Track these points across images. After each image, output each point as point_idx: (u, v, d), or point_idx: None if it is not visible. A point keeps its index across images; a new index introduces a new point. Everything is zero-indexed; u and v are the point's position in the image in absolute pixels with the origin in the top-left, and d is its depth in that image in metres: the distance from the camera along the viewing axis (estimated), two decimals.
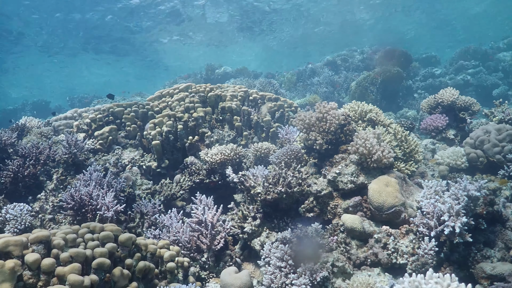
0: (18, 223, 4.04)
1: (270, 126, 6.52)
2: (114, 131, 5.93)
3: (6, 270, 2.46)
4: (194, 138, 5.90)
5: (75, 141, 5.12)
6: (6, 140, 4.86)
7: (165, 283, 3.47)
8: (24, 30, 20.63)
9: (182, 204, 5.38)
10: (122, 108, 6.28)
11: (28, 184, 4.90)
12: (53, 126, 7.41)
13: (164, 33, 23.82)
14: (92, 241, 3.08)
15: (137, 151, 5.81)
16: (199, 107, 6.23)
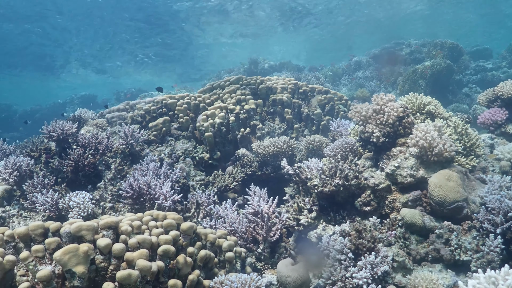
0: (81, 210, 4.18)
1: (321, 119, 6.45)
2: (168, 123, 6.04)
3: (81, 253, 2.55)
4: (246, 130, 5.91)
5: (132, 132, 5.25)
6: (67, 130, 5.04)
7: (224, 272, 3.50)
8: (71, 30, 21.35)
9: (234, 196, 5.41)
10: (175, 100, 6.38)
11: (87, 173, 5.06)
12: (106, 118, 7.63)
13: (206, 28, 24.00)
14: (156, 229, 3.14)
15: (190, 143, 5.88)
16: (251, 99, 6.24)
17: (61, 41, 22.73)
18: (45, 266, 2.64)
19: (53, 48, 24.00)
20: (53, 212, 4.36)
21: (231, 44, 28.64)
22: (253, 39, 28.11)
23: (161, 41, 25.11)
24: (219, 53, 30.72)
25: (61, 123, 5.08)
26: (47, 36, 21.57)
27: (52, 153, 5.18)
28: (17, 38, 21.64)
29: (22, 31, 20.58)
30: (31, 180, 4.78)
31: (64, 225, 2.88)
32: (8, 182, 4.79)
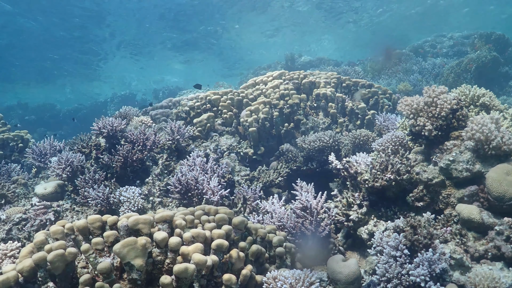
0: (132, 205, 4.26)
1: (365, 113, 6.31)
2: (212, 119, 6.07)
3: (139, 246, 2.58)
4: (290, 125, 5.87)
5: (178, 128, 5.30)
6: (116, 127, 5.15)
7: (274, 267, 3.47)
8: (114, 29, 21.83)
9: (278, 191, 5.38)
10: (219, 96, 6.41)
11: (135, 168, 5.15)
12: (150, 115, 7.75)
13: (242, 24, 24.01)
14: (209, 223, 3.15)
15: (234, 138, 5.89)
16: (294, 94, 6.18)
17: (101, 41, 23.30)
18: (105, 258, 2.69)
19: (93, 48, 24.64)
20: (104, 206, 4.46)
21: (267, 41, 28.55)
22: (290, 35, 27.92)
23: (196, 38, 25.31)
24: (255, 49, 30.72)
25: (110, 120, 5.20)
26: (89, 37, 22.16)
27: (101, 149, 5.31)
28: (65, 43, 22.40)
29: (69, 36, 21.27)
30: (83, 175, 4.91)
31: (120, 218, 2.93)
32: (61, 178, 4.94)
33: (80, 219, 4.60)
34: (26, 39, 20.97)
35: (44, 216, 4.18)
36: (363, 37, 30.68)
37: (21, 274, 2.62)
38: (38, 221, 4.15)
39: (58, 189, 4.94)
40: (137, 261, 2.56)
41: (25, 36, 20.46)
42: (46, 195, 4.84)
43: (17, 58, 24.12)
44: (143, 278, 2.61)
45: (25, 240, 3.89)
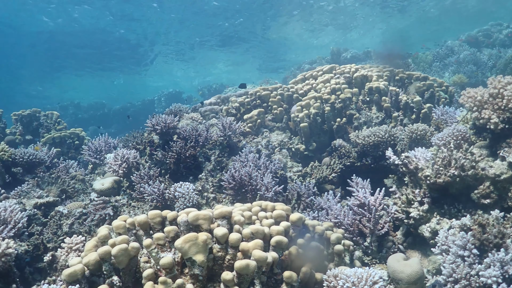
0: (187, 200, 4.29)
1: (421, 107, 6.07)
2: (262, 114, 6.04)
3: (200, 242, 2.57)
4: (342, 120, 5.73)
5: (229, 124, 5.30)
6: (169, 124, 5.21)
7: (333, 265, 3.38)
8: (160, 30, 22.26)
9: (331, 188, 5.27)
10: (269, 92, 6.37)
11: (188, 165, 5.19)
12: (200, 111, 7.83)
13: (288, 20, 23.84)
14: (266, 219, 3.11)
15: (285, 134, 5.83)
16: (346, 88, 6.04)
17: (148, 39, 23.81)
18: (166, 253, 2.70)
19: (140, 46, 25.24)
20: (159, 202, 4.52)
21: (311, 36, 28.22)
22: (334, 29, 27.46)
23: (240, 36, 25.39)
24: (299, 45, 30.45)
25: (163, 117, 5.27)
26: (136, 34, 22.70)
27: (155, 145, 5.40)
28: (112, 42, 23.12)
29: (116, 34, 21.92)
30: (138, 171, 5.01)
31: (180, 214, 2.94)
32: (118, 174, 5.06)
33: (136, 214, 4.70)
34: (81, 37, 21.79)
35: (103, 211, 4.29)
36: (410, 30, 29.70)
37: (87, 268, 2.68)
38: (97, 215, 4.27)
39: (114, 184, 5.06)
40: (199, 257, 2.55)
41: (79, 33, 21.27)
42: (104, 191, 4.97)
43: (70, 55, 25.09)
44: (205, 274, 2.60)
45: (86, 234, 4.00)
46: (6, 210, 3.54)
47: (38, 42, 22.20)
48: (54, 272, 3.14)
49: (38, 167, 5.74)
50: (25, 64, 26.32)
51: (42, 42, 22.32)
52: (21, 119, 9.43)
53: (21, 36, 21.12)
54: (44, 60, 25.80)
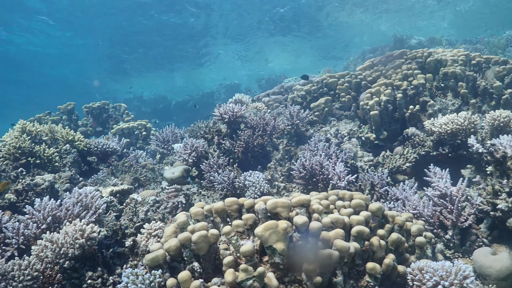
0: (257, 189, 4.25)
1: (502, 93, 5.64)
2: (329, 102, 5.88)
3: (280, 230, 2.51)
4: (415, 108, 5.45)
5: (297, 112, 5.21)
6: (237, 112, 5.20)
7: (415, 258, 3.21)
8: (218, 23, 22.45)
9: (404, 178, 5.03)
10: (335, 79, 6.19)
11: (255, 154, 5.16)
12: (263, 101, 7.78)
13: (346, 7, 23.20)
14: (345, 209, 2.99)
15: (353, 123, 5.65)
16: (419, 73, 5.73)
17: (206, 31, 24.10)
18: (246, 241, 2.67)
19: (198, 39, 25.61)
20: (229, 191, 4.52)
21: (373, 23, 27.31)
22: (396, 16, 26.40)
23: (299, 25, 25.06)
24: (359, 32, 29.60)
25: (231, 105, 5.26)
26: (193, 27, 23.04)
27: (222, 134, 5.41)
28: (172, 35, 23.65)
29: (177, 26, 22.40)
30: (207, 160, 5.04)
31: (257, 201, 2.89)
32: (187, 163, 5.12)
33: (207, 202, 4.74)
34: (142, 30, 22.51)
35: (176, 199, 4.35)
36: (479, 14, 27.94)
37: (168, 253, 2.70)
38: (170, 203, 4.34)
39: (184, 173, 5.13)
40: (279, 245, 2.50)
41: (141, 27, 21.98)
42: (174, 179, 5.05)
43: (132, 50, 25.99)
44: (285, 263, 2.54)
45: (159, 221, 4.07)
46: (87, 196, 3.68)
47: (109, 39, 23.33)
48: (135, 257, 3.22)
49: (111, 156, 5.95)
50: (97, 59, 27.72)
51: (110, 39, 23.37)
52: (92, 112, 9.87)
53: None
54: (112, 56, 26.98)
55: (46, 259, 2.94)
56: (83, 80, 33.52)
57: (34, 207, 3.49)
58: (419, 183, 4.61)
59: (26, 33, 20.98)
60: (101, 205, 3.65)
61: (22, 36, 21.26)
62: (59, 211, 3.46)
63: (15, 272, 2.84)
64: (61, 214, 3.45)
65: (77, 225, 2.96)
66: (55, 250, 2.85)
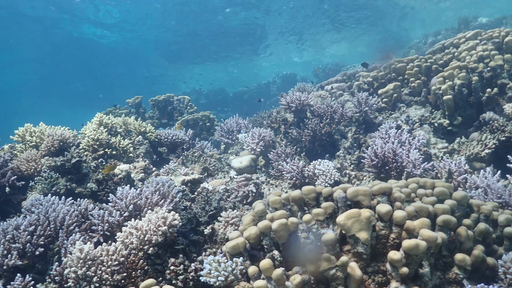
0: (328, 178, 4.19)
1: None
2: (398, 88, 5.67)
3: (363, 219, 2.45)
4: (492, 91, 5.12)
5: (365, 99, 5.06)
6: (304, 101, 5.14)
7: (503, 249, 3.03)
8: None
9: (482, 166, 4.76)
10: (404, 64, 5.95)
11: (323, 142, 5.09)
12: (326, 89, 7.66)
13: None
14: (427, 197, 2.87)
15: (424, 108, 5.42)
16: (496, 54, 5.37)
17: (262, 22, 24.06)
18: (326, 229, 2.63)
19: (254, 30, 25.63)
20: (298, 179, 4.50)
21: (433, 6, 26.03)
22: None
23: (356, 12, 24.39)
24: (419, 17, 28.34)
25: (297, 94, 5.21)
26: (249, 18, 23.08)
27: (288, 123, 5.38)
28: (228, 27, 23.87)
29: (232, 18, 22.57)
30: (274, 149, 5.04)
31: (335, 190, 2.85)
32: (255, 152, 5.15)
33: (276, 191, 4.74)
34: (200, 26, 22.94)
35: (246, 188, 4.39)
36: None
37: (248, 241, 2.73)
38: (241, 192, 4.38)
39: (252, 163, 5.17)
40: (362, 234, 2.44)
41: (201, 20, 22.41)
42: (242, 169, 5.10)
43: (192, 42, 26.54)
44: (369, 252, 2.48)
45: (230, 210, 4.12)
46: (164, 185, 3.79)
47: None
48: (214, 244, 3.28)
49: (180, 146, 6.11)
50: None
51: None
52: (157, 104, 10.18)
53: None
54: (173, 48, 27.78)
55: (130, 245, 3.06)
56: (144, 73, 34.70)
57: (117, 195, 3.64)
58: (500, 171, 4.34)
59: (96, 27, 22.13)
60: (178, 194, 3.75)
61: (91, 30, 22.43)
62: (139, 199, 3.60)
63: (103, 257, 2.99)
64: (141, 202, 3.58)
65: (159, 212, 3.05)
66: (139, 237, 2.96)
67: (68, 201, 3.92)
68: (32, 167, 5.07)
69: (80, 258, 2.92)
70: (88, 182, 4.80)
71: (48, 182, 4.72)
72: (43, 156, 5.25)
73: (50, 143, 5.22)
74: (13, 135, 5.93)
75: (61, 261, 3.29)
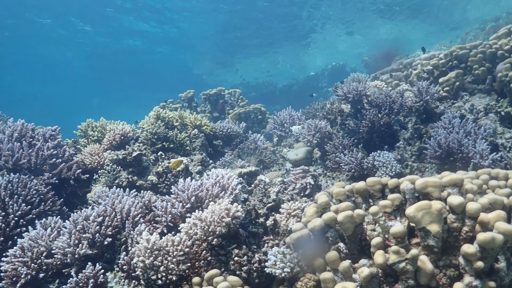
0: (388, 169, 4.09)
1: None
2: (460, 76, 5.42)
3: (434, 211, 2.37)
4: None
5: (426, 88, 4.89)
6: (361, 91, 5.04)
7: None
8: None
9: None
10: (467, 51, 5.67)
11: (381, 133, 4.97)
12: (381, 79, 7.47)
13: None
14: (500, 189, 2.73)
15: (489, 97, 5.15)
16: None
17: (310, 13, 23.76)
18: (394, 222, 2.57)
19: (302, 21, 25.37)
20: (357, 171, 4.42)
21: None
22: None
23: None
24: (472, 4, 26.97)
25: (354, 84, 5.11)
26: (297, 8, 22.84)
27: (345, 114, 5.29)
28: (274, 19, 23.80)
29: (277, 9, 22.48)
30: (331, 141, 4.97)
31: (401, 181, 2.77)
32: (311, 144, 5.11)
33: (333, 184, 4.69)
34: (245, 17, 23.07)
35: (304, 180, 4.37)
36: None
37: (312, 233, 2.71)
38: (299, 184, 4.37)
39: (307, 155, 5.13)
40: (433, 227, 2.36)
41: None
42: (298, 161, 5.08)
43: (241, 35, 26.71)
44: (440, 246, 2.39)
45: (292, 202, 4.11)
46: (224, 178, 3.84)
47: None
48: (277, 236, 3.29)
49: (234, 139, 6.17)
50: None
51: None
52: (209, 98, 10.33)
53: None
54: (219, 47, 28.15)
55: (194, 236, 3.13)
56: (192, 67, 35.26)
57: (178, 187, 3.73)
58: None
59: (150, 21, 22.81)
60: (237, 186, 3.79)
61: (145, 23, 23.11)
62: (200, 191, 3.66)
63: (169, 248, 3.07)
64: (202, 194, 3.65)
65: (222, 204, 3.10)
66: (204, 228, 3.02)
67: (132, 193, 4.07)
68: (96, 160, 5.28)
69: (147, 248, 3.01)
70: (148, 175, 4.95)
71: (111, 175, 4.91)
72: (105, 150, 5.46)
73: (111, 137, 5.42)
74: (75, 130, 6.23)
75: (128, 251, 3.42)
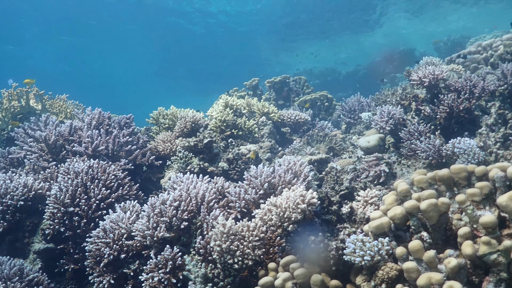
0: (470, 157, 3.86)
1: None
2: None
3: None
4: None
5: (511, 70, 4.53)
6: (438, 75, 4.78)
7: None
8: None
9: None
10: None
11: (460, 119, 4.70)
12: (457, 62, 7.04)
13: None
14: None
15: None
16: None
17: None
18: (483, 211, 2.41)
19: (366, 5, 24.59)
20: (435, 159, 4.21)
21: None
22: None
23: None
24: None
25: (430, 68, 4.86)
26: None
27: (419, 100, 5.06)
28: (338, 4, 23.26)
29: None
30: (405, 128, 4.78)
31: (490, 169, 2.59)
32: (384, 131, 4.94)
33: (408, 172, 4.51)
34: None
35: (378, 168, 4.24)
36: None
37: (393, 221, 2.62)
38: (372, 172, 4.24)
39: (380, 142, 4.97)
40: None
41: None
42: (370, 148, 4.93)
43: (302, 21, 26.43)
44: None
45: (360, 190, 4.01)
46: (296, 164, 3.81)
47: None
48: (353, 224, 3.22)
49: (303, 127, 6.12)
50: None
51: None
52: (274, 86, 10.29)
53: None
54: (279, 33, 28.01)
55: (269, 222, 3.14)
56: (257, 55, 35.32)
57: (251, 174, 3.76)
58: None
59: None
60: (310, 173, 3.75)
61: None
62: (273, 178, 3.67)
63: (244, 233, 3.11)
64: (275, 180, 3.65)
65: (296, 190, 3.08)
66: (279, 214, 3.02)
67: (205, 179, 4.15)
68: (168, 147, 5.45)
69: (224, 232, 3.06)
70: (219, 162, 5.03)
71: (183, 161, 5.05)
72: (177, 137, 5.62)
73: (183, 124, 5.57)
74: (148, 118, 6.47)
75: (204, 235, 3.50)
